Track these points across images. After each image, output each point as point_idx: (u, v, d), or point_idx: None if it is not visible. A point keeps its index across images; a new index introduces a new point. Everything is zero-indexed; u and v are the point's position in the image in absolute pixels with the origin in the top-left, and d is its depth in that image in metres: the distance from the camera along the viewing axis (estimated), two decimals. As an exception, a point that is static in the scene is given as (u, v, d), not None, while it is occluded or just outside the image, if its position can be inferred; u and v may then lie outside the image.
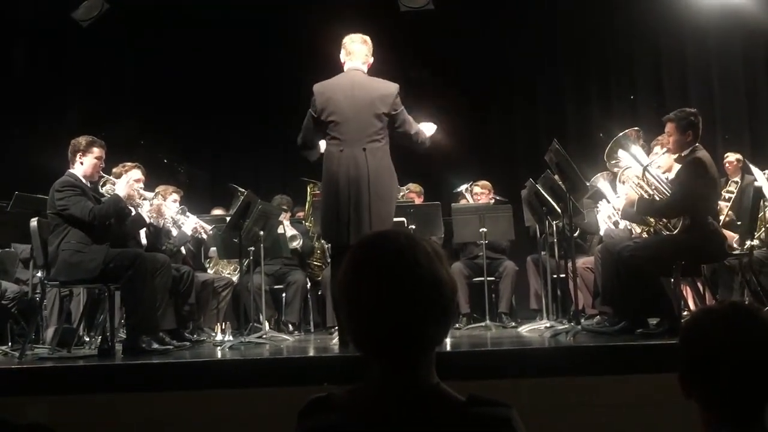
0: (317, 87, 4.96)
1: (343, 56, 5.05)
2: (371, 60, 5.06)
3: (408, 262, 1.40)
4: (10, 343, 5.87)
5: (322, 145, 5.04)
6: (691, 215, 4.79)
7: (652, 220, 5.09)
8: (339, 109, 4.87)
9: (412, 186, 7.49)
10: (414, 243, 1.44)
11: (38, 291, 5.79)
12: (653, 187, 5.00)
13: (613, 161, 5.39)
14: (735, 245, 5.80)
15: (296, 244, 7.38)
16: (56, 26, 8.31)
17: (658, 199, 4.95)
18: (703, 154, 4.84)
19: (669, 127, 4.93)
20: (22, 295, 6.23)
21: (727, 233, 5.53)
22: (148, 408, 3.82)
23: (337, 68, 5.09)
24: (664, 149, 5.14)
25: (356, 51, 4.99)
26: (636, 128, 5.35)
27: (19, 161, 7.84)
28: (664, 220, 4.98)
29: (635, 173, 5.14)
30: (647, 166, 5.06)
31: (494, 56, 8.87)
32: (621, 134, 5.25)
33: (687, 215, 4.81)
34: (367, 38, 5.06)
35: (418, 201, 7.30)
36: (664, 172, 5.25)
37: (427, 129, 5.14)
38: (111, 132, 6.45)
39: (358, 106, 4.85)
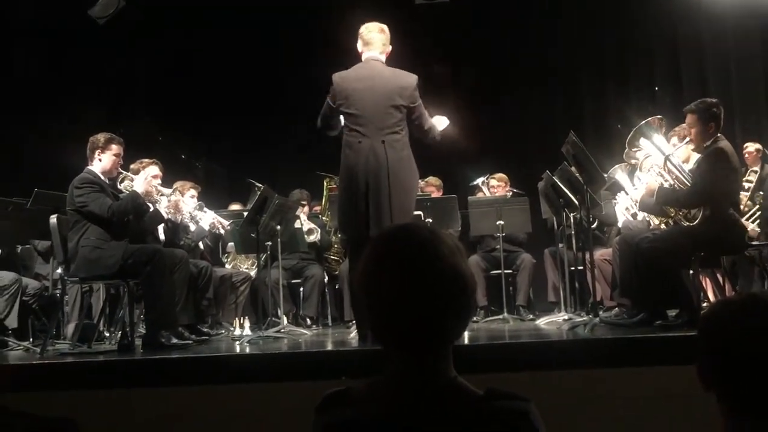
0: (337, 77, 4.87)
1: (360, 46, 4.94)
2: (389, 49, 4.94)
3: (430, 255, 1.40)
4: (31, 339, 5.93)
5: (342, 119, 4.94)
6: (711, 206, 4.74)
7: (671, 210, 5.04)
8: (358, 100, 4.78)
9: (431, 179, 7.47)
10: (436, 237, 1.44)
11: (59, 287, 5.85)
12: (674, 177, 4.94)
13: (635, 149, 5.33)
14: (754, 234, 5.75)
15: (314, 237, 7.40)
16: (73, 25, 8.34)
17: (678, 188, 4.90)
18: (725, 144, 4.76)
19: (691, 118, 4.83)
20: (43, 290, 6.28)
21: (746, 223, 5.48)
22: (167, 402, 3.84)
23: (352, 61, 5.00)
24: (686, 139, 5.04)
25: (374, 40, 4.88)
26: (659, 116, 5.28)
27: (37, 159, 7.90)
28: (684, 210, 4.93)
29: (656, 162, 5.08)
30: (669, 155, 5.00)
31: (510, 48, 8.83)
32: (643, 122, 5.16)
33: (707, 206, 4.76)
34: (385, 27, 4.94)
35: (438, 194, 7.28)
36: (683, 162, 5.20)
37: (440, 123, 5.07)
38: (129, 129, 6.49)
39: (377, 97, 4.76)
